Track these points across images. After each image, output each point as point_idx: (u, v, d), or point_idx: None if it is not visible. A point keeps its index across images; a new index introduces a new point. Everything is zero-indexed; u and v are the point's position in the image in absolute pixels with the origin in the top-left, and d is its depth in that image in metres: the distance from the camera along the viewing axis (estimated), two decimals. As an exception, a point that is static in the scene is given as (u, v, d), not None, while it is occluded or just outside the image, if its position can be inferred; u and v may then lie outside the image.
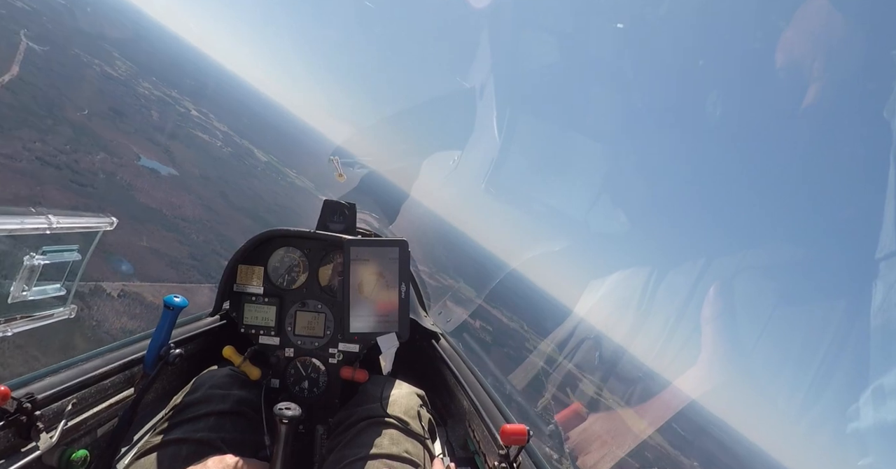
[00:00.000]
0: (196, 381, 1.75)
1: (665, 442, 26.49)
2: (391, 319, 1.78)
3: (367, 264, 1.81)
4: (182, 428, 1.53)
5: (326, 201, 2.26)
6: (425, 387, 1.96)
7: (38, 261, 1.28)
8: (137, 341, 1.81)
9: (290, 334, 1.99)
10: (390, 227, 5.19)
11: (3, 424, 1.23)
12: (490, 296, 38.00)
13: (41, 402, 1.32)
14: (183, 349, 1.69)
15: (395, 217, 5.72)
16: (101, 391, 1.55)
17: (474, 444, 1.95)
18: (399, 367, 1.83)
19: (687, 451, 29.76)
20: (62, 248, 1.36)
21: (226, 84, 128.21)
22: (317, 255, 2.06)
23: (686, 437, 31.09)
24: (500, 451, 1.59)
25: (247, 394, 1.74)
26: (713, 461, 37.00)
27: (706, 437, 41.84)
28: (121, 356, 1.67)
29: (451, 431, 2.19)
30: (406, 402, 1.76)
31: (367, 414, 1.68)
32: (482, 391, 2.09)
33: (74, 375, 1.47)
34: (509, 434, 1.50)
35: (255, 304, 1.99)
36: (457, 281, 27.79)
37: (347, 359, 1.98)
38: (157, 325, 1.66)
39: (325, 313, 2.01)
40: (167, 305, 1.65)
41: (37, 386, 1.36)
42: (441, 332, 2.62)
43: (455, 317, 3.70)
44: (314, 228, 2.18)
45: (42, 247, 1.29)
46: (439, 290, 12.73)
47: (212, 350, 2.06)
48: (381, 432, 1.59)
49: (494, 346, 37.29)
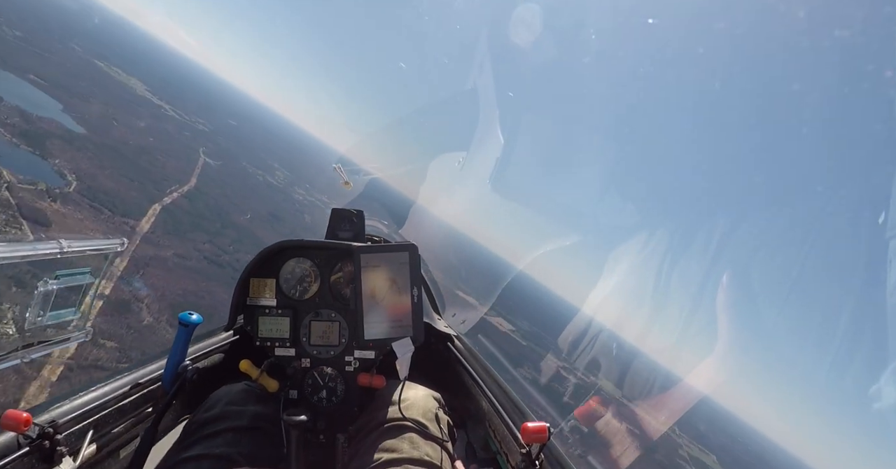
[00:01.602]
0: (211, 399, 1.76)
1: (684, 436, 26.53)
2: (405, 324, 1.78)
3: (378, 270, 1.80)
4: (201, 445, 1.53)
5: (334, 210, 2.26)
6: (442, 389, 1.95)
7: (52, 286, 1.29)
8: (154, 360, 1.82)
9: (306, 345, 1.99)
10: (400, 231, 5.18)
11: (26, 451, 1.24)
12: (499, 300, 38.42)
13: (63, 427, 1.33)
14: (199, 365, 1.69)
15: (404, 222, 5.70)
16: (121, 412, 1.56)
17: (496, 444, 1.93)
18: (415, 370, 1.82)
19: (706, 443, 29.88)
20: (75, 272, 1.37)
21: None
22: (327, 264, 2.06)
23: (702, 430, 31.39)
24: (521, 450, 1.58)
25: (263, 409, 1.74)
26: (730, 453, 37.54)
27: (720, 431, 42.19)
28: (139, 376, 1.68)
29: (471, 432, 2.18)
30: (423, 405, 1.75)
31: (386, 418, 1.67)
32: (500, 391, 2.08)
33: (94, 399, 1.48)
34: (530, 432, 1.48)
35: (269, 317, 1.99)
36: (468, 285, 27.94)
37: (364, 366, 1.98)
38: (172, 343, 1.66)
39: (339, 322, 2.01)
40: (182, 323, 1.65)
41: (58, 411, 1.37)
42: (455, 334, 2.61)
43: (470, 318, 3.68)
44: (324, 238, 2.18)
45: (55, 271, 1.30)
46: (454, 298, 12.80)
47: (228, 365, 2.07)
48: (401, 436, 1.58)
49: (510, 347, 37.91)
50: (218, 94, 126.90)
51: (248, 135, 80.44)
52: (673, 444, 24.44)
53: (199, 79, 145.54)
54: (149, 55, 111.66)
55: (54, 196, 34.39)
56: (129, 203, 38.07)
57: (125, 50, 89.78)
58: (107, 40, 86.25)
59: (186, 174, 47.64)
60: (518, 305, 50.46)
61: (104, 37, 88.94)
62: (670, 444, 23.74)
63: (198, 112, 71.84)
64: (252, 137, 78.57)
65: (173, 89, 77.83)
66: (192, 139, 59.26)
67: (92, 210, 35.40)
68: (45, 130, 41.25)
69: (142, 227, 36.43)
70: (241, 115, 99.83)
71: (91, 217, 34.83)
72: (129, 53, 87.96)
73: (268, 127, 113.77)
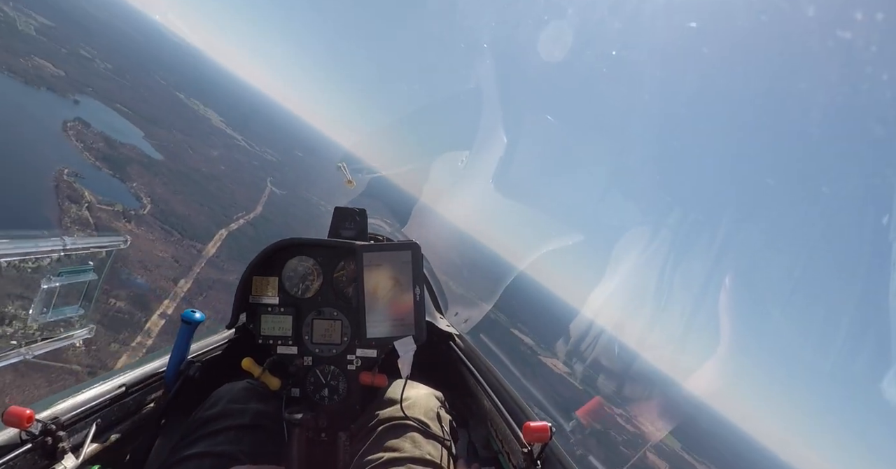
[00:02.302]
0: (214, 396, 1.76)
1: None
2: (407, 323, 1.77)
3: (381, 269, 1.80)
4: (203, 442, 1.54)
5: (337, 208, 2.26)
6: (444, 388, 1.94)
7: (54, 283, 1.29)
8: (157, 358, 1.82)
9: (308, 343, 1.99)
10: (402, 230, 5.17)
11: (29, 447, 1.24)
12: (501, 301, 38.80)
13: (65, 423, 1.33)
14: (202, 363, 1.69)
15: (407, 220, 5.70)
16: (123, 409, 1.56)
17: (497, 444, 1.93)
18: (417, 369, 1.81)
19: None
20: (78, 269, 1.37)
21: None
22: (330, 262, 2.06)
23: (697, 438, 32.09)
24: (523, 450, 1.57)
25: (265, 407, 1.74)
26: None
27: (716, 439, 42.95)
28: (141, 373, 1.68)
29: (473, 432, 2.17)
30: (425, 404, 1.75)
31: (387, 417, 1.67)
32: (502, 390, 2.07)
33: (97, 395, 1.48)
34: (532, 431, 1.48)
35: (272, 315, 1.99)
36: (470, 284, 28.15)
37: (366, 364, 1.98)
38: (175, 340, 1.66)
39: (342, 320, 2.01)
40: (185, 320, 1.65)
41: (61, 407, 1.37)
42: (457, 333, 2.61)
43: (472, 317, 3.67)
44: (326, 236, 2.17)
45: (58, 269, 1.30)
46: (456, 297, 12.93)
47: (231, 362, 2.07)
48: (403, 435, 1.58)
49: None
50: (287, 126, 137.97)
51: (313, 166, 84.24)
52: (669, 449, 24.52)
53: (270, 111, 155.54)
54: (224, 88, 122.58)
55: (129, 217, 37.74)
56: (197, 227, 41.40)
57: (203, 83, 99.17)
58: (188, 73, 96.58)
59: (253, 202, 51.99)
60: (519, 305, 51.00)
61: (186, 70, 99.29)
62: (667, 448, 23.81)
63: (267, 143, 77.49)
64: (317, 169, 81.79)
65: (245, 121, 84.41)
66: (260, 169, 65.48)
67: (163, 232, 37.95)
68: (126, 156, 45.47)
69: (208, 250, 39.30)
70: (306, 147, 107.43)
71: (161, 238, 37.18)
72: (207, 86, 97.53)
73: (331, 159, 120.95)
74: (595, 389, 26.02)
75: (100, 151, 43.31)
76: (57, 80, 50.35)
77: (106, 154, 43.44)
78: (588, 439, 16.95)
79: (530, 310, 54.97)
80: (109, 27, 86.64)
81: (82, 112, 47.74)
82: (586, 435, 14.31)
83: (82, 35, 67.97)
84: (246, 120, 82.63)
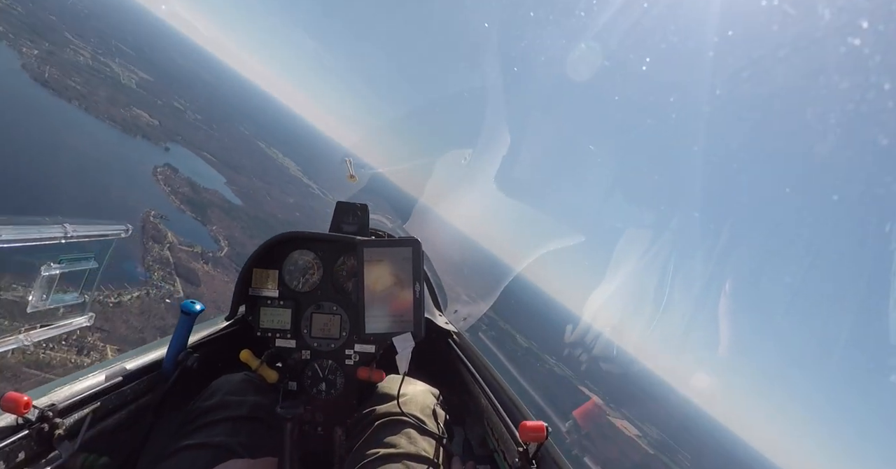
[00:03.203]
0: (211, 388, 1.76)
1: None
2: (406, 319, 1.77)
3: (381, 265, 1.80)
4: (200, 433, 1.54)
5: (339, 203, 2.26)
6: (441, 386, 1.94)
7: (55, 270, 1.29)
8: (155, 348, 1.82)
9: (307, 337, 1.99)
10: (404, 226, 5.17)
11: (25, 434, 1.24)
12: (500, 301, 39.14)
13: (62, 411, 1.33)
14: (200, 354, 1.69)
15: (409, 217, 5.70)
16: (120, 398, 1.56)
17: (493, 442, 1.93)
18: (414, 366, 1.81)
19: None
20: (78, 257, 1.37)
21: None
22: (330, 256, 2.06)
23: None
24: (519, 448, 1.57)
25: (262, 399, 1.74)
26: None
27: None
28: (139, 363, 1.68)
29: (469, 430, 2.17)
30: (422, 401, 1.75)
31: (384, 413, 1.67)
32: (499, 388, 2.07)
33: (95, 384, 1.48)
34: (528, 430, 1.48)
35: (271, 308, 1.99)
36: (470, 283, 28.38)
37: (364, 360, 1.98)
38: (174, 330, 1.66)
39: (341, 315, 2.01)
40: (184, 311, 1.65)
41: (58, 394, 1.37)
42: (456, 330, 2.61)
43: (471, 315, 3.67)
44: (328, 230, 2.17)
45: (59, 255, 1.30)
46: (455, 295, 13.04)
47: (229, 354, 2.07)
48: (398, 431, 1.58)
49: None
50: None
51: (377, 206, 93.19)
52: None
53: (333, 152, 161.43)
54: (301, 137, 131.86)
55: (207, 259, 39.74)
56: (271, 272, 45.37)
57: (282, 133, 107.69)
58: (269, 124, 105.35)
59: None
60: (517, 306, 51.48)
61: (266, 120, 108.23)
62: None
63: (340, 191, 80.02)
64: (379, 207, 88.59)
65: (318, 169, 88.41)
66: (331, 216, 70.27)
67: (237, 274, 40.39)
68: (208, 200, 48.68)
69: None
70: (376, 191, 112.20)
71: (235, 280, 39.64)
72: (285, 135, 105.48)
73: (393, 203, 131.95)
74: (595, 382, 25.97)
75: (185, 195, 46.23)
76: (151, 129, 55.63)
77: (190, 198, 46.30)
78: (584, 440, 16.90)
79: (527, 311, 55.50)
80: (199, 79, 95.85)
81: (171, 158, 52.63)
82: (582, 436, 14.25)
83: (177, 88, 76.15)
84: (319, 168, 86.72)
